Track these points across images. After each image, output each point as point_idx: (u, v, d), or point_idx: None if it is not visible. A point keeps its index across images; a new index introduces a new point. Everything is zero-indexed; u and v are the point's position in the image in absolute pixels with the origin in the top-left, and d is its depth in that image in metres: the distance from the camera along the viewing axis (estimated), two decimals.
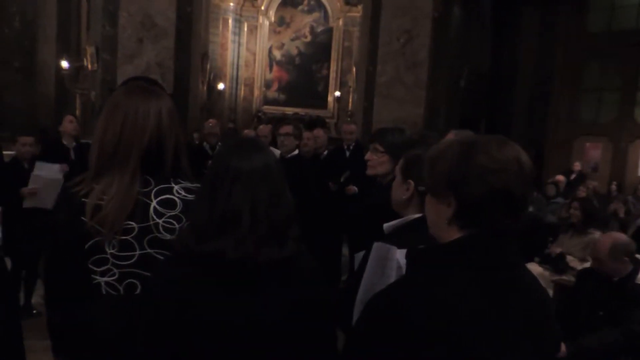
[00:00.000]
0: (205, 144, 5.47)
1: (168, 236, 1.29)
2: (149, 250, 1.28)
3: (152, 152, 1.32)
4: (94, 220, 1.25)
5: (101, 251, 1.27)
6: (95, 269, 1.28)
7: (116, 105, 1.34)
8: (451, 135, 2.84)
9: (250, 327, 1.11)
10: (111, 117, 1.33)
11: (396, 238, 1.61)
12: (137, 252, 1.28)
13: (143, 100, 1.35)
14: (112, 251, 1.27)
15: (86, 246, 1.27)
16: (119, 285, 1.29)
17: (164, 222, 1.30)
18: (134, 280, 1.28)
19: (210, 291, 1.10)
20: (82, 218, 1.26)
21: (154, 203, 1.30)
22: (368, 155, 2.30)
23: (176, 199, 1.32)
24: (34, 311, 4.18)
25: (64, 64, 9.44)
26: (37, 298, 4.31)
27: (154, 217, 1.30)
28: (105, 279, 1.28)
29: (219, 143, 5.39)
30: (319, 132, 5.49)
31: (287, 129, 4.29)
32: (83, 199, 1.28)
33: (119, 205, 1.26)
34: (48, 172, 4.05)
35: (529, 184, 1.00)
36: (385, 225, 1.73)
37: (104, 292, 1.29)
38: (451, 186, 0.99)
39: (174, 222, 1.30)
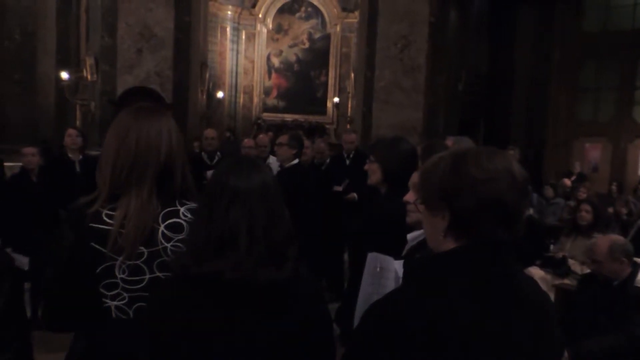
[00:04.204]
0: (203, 153, 5.49)
1: None
2: (158, 274, 1.30)
3: (165, 172, 1.34)
4: (114, 248, 1.26)
5: (112, 276, 1.28)
6: (106, 292, 1.29)
7: (127, 127, 1.34)
8: (449, 142, 2.87)
9: (249, 349, 1.11)
10: (123, 138, 1.33)
11: (421, 249, 1.61)
12: (147, 276, 1.30)
13: (153, 119, 1.36)
14: (122, 276, 1.28)
15: (97, 270, 1.28)
16: (129, 309, 1.30)
17: (172, 246, 1.31)
18: (144, 304, 1.28)
19: (209, 313, 1.10)
20: (93, 244, 1.27)
21: (161, 227, 1.32)
22: (366, 166, 2.33)
23: (182, 222, 1.33)
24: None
25: (64, 75, 9.47)
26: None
27: (163, 241, 1.31)
28: (116, 302, 1.30)
29: (218, 152, 5.41)
30: (319, 144, 5.70)
31: (281, 139, 4.39)
32: (91, 224, 1.28)
33: (138, 227, 1.27)
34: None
35: (522, 194, 1.00)
36: (409, 236, 1.75)
37: (114, 316, 1.30)
38: (444, 198, 1.00)
39: (182, 246, 1.30)
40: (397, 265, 1.74)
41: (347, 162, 5.45)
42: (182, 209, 1.35)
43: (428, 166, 1.07)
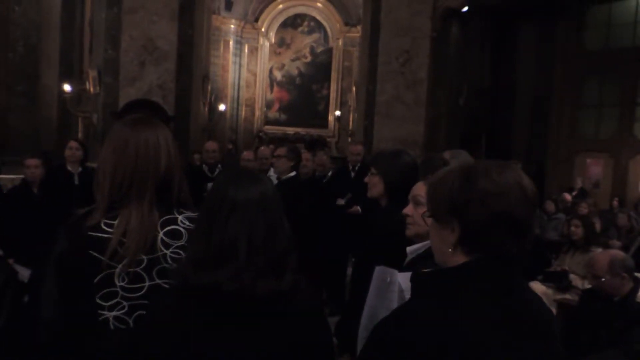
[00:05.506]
0: (204, 165, 5.48)
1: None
2: (158, 281, 1.29)
3: (165, 182, 1.34)
4: (116, 257, 1.25)
5: (111, 284, 1.27)
6: (103, 303, 1.27)
7: (125, 139, 1.34)
8: (446, 155, 2.86)
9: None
10: (122, 151, 1.33)
11: (420, 262, 1.60)
12: (147, 284, 1.29)
13: (150, 130, 1.37)
14: (121, 284, 1.27)
15: (95, 280, 1.26)
16: (129, 319, 1.28)
17: (171, 252, 1.31)
18: (144, 312, 1.27)
19: (208, 323, 1.10)
20: (91, 252, 1.26)
21: (160, 234, 1.31)
22: (366, 178, 2.33)
23: (181, 229, 1.33)
24: None
25: (67, 87, 9.52)
26: None
27: (162, 248, 1.30)
28: (114, 313, 1.27)
29: (219, 165, 5.41)
30: (321, 157, 5.59)
31: (279, 151, 4.42)
32: (90, 233, 1.27)
33: (139, 239, 1.27)
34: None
35: (532, 208, 1.00)
36: (409, 249, 1.74)
37: (112, 327, 1.27)
38: (453, 211, 1.00)
39: (181, 252, 1.30)
40: (401, 278, 1.73)
41: (352, 174, 5.29)
42: (180, 217, 1.35)
43: (436, 179, 1.07)
